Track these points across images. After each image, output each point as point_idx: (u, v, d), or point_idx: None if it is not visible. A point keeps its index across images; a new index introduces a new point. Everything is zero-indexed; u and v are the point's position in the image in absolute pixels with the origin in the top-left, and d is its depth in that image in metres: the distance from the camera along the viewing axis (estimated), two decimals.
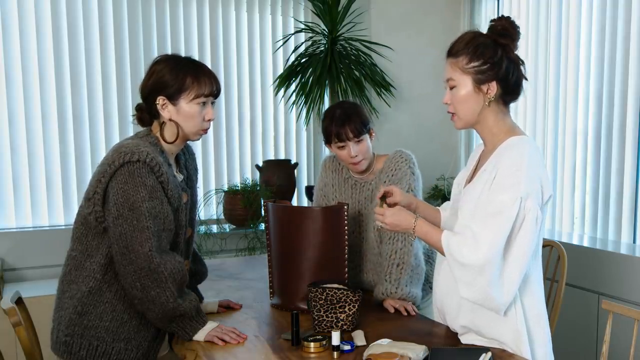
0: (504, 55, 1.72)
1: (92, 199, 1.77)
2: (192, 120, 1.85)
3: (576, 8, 3.58)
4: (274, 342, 1.85)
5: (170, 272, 1.76)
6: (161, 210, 1.77)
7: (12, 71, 3.54)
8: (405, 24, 4.42)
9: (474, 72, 1.71)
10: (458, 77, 1.73)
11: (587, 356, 3.16)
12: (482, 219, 1.66)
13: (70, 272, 1.85)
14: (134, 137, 1.89)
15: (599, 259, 3.10)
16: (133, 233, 1.72)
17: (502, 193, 1.65)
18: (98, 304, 1.81)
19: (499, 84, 1.72)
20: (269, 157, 4.21)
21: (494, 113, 1.75)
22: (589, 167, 3.50)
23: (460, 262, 1.66)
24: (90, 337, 1.80)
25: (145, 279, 1.73)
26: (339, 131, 2.24)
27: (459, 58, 1.73)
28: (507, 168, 1.67)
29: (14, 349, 3.07)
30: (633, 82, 3.22)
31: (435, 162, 4.49)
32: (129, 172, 1.73)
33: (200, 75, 1.84)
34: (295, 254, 2.15)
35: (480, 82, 1.72)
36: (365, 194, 2.37)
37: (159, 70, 1.84)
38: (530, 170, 1.66)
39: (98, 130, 3.76)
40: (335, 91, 4.00)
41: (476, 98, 1.73)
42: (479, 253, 1.63)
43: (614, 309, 2.13)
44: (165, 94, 1.83)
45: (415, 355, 1.65)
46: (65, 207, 3.68)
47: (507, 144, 1.72)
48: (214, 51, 4.03)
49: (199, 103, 1.84)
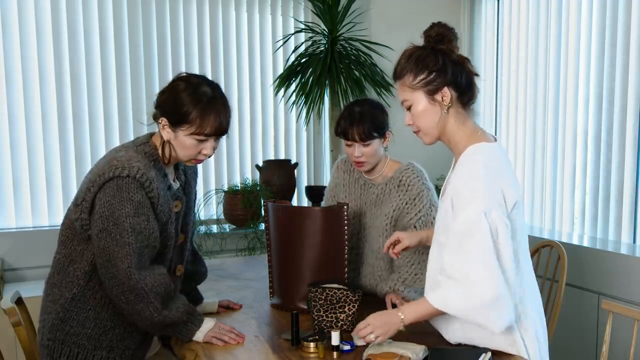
0: (446, 59, 1.71)
1: (80, 206, 1.76)
2: (186, 150, 1.82)
3: (576, 8, 3.57)
4: (273, 342, 1.86)
5: (151, 287, 1.73)
6: (146, 227, 1.74)
7: (12, 71, 3.54)
8: (405, 24, 4.42)
9: (422, 85, 1.71)
10: (410, 95, 1.73)
11: (587, 356, 3.16)
12: (457, 247, 1.62)
13: (53, 275, 1.84)
14: (130, 147, 1.83)
15: (599, 259, 3.10)
16: (115, 248, 1.70)
17: (464, 210, 1.62)
18: (81, 311, 1.80)
19: (451, 87, 1.71)
20: (269, 157, 4.21)
21: (453, 119, 1.73)
22: (589, 167, 3.50)
23: (475, 308, 1.61)
24: (71, 343, 1.80)
25: (127, 293, 1.72)
26: (347, 130, 2.23)
27: (405, 77, 1.72)
28: (463, 184, 1.65)
29: (14, 349, 3.07)
30: (633, 82, 3.22)
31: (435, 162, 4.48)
32: (117, 186, 1.70)
33: (208, 114, 1.77)
34: (295, 254, 2.15)
35: (432, 93, 1.71)
36: (370, 196, 2.36)
37: (174, 91, 1.80)
38: (487, 182, 1.63)
39: (98, 130, 3.76)
40: (335, 91, 4.00)
41: (433, 109, 1.72)
42: (485, 289, 1.59)
43: (614, 309, 2.13)
44: (167, 117, 1.79)
45: (415, 355, 1.65)
46: (65, 207, 3.66)
47: (465, 154, 1.70)
48: (214, 51, 4.03)
49: (196, 139, 1.80)
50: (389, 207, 2.27)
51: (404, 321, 1.70)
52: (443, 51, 1.71)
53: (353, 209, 2.37)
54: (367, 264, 2.36)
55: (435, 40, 1.72)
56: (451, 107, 1.71)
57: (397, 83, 1.77)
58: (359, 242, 2.38)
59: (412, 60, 1.72)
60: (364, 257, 2.37)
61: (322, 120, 4.30)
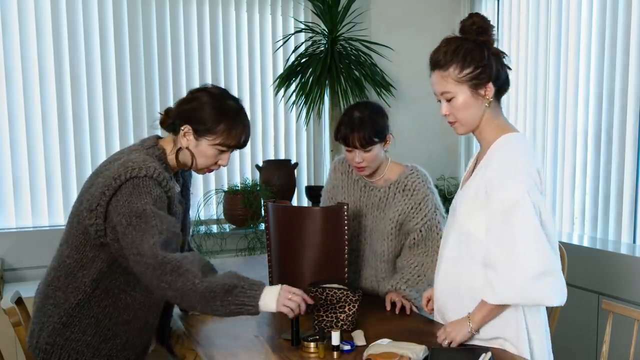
0: (490, 53, 1.72)
1: (95, 211, 1.72)
2: (205, 159, 1.85)
3: (576, 8, 3.57)
4: (273, 342, 1.86)
5: (181, 259, 1.65)
6: (167, 215, 1.73)
7: (12, 71, 3.54)
8: (405, 24, 4.42)
9: (468, 79, 1.71)
10: (453, 88, 1.73)
11: (587, 356, 3.16)
12: (501, 226, 1.65)
13: (59, 278, 1.80)
14: (141, 149, 1.83)
15: (599, 259, 3.10)
16: (142, 236, 1.66)
17: (507, 190, 1.65)
18: (84, 318, 1.78)
19: (493, 83, 1.73)
20: (269, 157, 4.21)
21: (490, 111, 1.76)
22: (589, 167, 3.50)
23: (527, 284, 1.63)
24: (71, 349, 1.78)
25: (164, 275, 1.64)
26: (348, 136, 2.19)
27: (450, 69, 1.72)
28: (503, 169, 1.68)
29: (14, 349, 3.07)
30: (633, 82, 3.22)
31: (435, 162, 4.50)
32: (134, 185, 1.70)
33: (235, 127, 1.83)
34: (295, 254, 2.15)
35: (476, 87, 1.72)
36: (372, 199, 2.33)
37: (200, 101, 1.82)
38: (525, 166, 1.68)
39: (98, 130, 3.75)
40: (335, 91, 4.00)
41: (476, 103, 1.73)
42: (532, 262, 1.62)
43: (614, 309, 2.13)
44: (193, 126, 1.81)
45: (415, 355, 1.65)
46: (65, 207, 3.68)
47: (498, 143, 1.74)
48: (214, 51, 4.03)
49: (218, 149, 1.84)
50: (394, 211, 2.26)
51: (474, 325, 1.74)
52: (485, 44, 1.73)
53: (352, 210, 2.35)
54: (368, 267, 2.35)
55: (476, 32, 1.73)
56: (491, 101, 1.74)
57: (435, 72, 1.75)
58: (359, 245, 2.37)
59: (459, 53, 1.71)
60: (365, 260, 2.36)
61: (322, 120, 4.30)
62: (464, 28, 1.75)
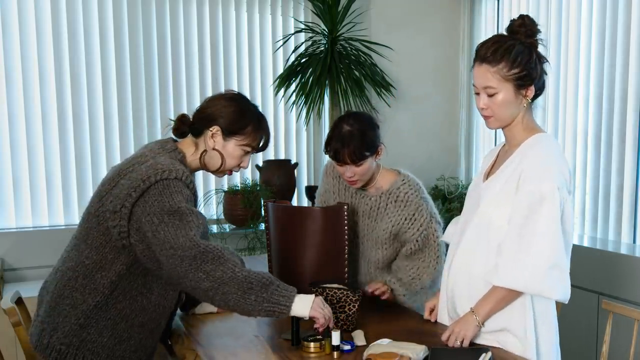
0: (536, 57, 1.76)
1: (119, 213, 1.71)
2: (231, 160, 1.90)
3: (576, 8, 3.58)
4: (273, 342, 1.86)
5: (222, 247, 1.70)
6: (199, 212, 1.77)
7: (12, 71, 3.54)
8: (405, 24, 4.42)
9: (514, 78, 1.74)
10: (498, 84, 1.74)
11: (587, 356, 3.16)
12: (527, 214, 1.70)
13: (77, 278, 1.77)
14: (163, 152, 1.84)
15: (599, 258, 3.10)
16: (177, 231, 1.67)
17: (538, 184, 1.70)
18: (101, 320, 1.77)
19: (535, 86, 1.77)
20: (269, 157, 4.21)
21: (525, 111, 1.81)
22: (589, 167, 3.50)
23: (533, 273, 1.68)
24: (86, 350, 1.77)
25: (203, 265, 1.65)
26: (338, 152, 2.12)
27: (499, 66, 1.73)
28: (536, 165, 1.73)
29: (14, 349, 3.07)
30: (633, 82, 3.22)
31: (435, 162, 4.50)
32: (164, 186, 1.72)
33: (262, 129, 1.92)
34: (295, 253, 2.15)
35: (520, 87, 1.76)
36: (364, 207, 2.29)
37: (226, 104, 1.89)
38: (557, 164, 1.74)
39: (98, 130, 3.75)
40: (335, 91, 4.00)
41: (516, 101, 1.77)
42: (542, 254, 1.67)
43: (614, 309, 2.13)
44: (222, 126, 1.86)
45: (415, 355, 1.65)
46: (65, 207, 3.68)
47: (531, 142, 1.79)
48: (214, 51, 4.02)
49: (244, 150, 1.89)
50: (387, 222, 2.23)
51: (480, 318, 1.76)
52: (532, 46, 1.76)
53: None
54: (360, 273, 2.34)
55: (525, 34, 1.76)
56: (529, 102, 1.79)
57: (483, 65, 1.75)
58: (351, 249, 2.31)
59: (510, 52, 1.73)
60: (359, 266, 2.33)
61: (322, 120, 4.30)
62: (513, 28, 1.78)
